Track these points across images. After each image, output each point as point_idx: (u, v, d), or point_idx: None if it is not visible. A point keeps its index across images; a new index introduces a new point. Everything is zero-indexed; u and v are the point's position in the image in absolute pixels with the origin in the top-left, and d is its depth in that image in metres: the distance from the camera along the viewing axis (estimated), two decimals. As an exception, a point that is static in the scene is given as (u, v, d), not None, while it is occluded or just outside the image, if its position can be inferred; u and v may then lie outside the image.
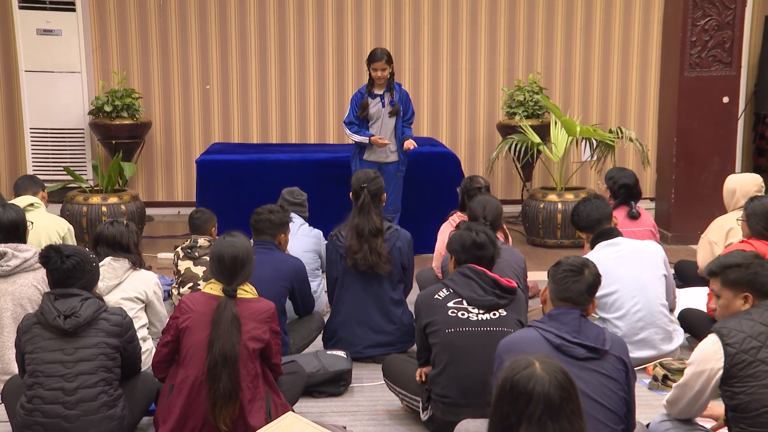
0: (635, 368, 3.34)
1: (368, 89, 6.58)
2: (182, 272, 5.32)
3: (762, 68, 9.11)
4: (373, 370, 4.59)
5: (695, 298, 5.15)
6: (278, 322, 3.73)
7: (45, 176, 7.86)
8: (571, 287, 3.10)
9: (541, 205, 7.53)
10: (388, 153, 6.66)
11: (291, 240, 4.92)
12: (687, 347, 4.79)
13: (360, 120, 6.57)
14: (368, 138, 6.52)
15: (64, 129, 8.54)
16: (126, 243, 4.40)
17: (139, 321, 4.29)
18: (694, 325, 4.79)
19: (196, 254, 5.34)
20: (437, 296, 3.75)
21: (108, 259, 4.32)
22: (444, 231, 5.33)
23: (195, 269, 5.29)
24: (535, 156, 7.91)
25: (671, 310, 4.74)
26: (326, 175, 6.99)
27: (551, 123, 7.85)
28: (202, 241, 5.36)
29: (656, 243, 4.93)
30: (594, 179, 8.67)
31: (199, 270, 5.28)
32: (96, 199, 7.36)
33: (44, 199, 5.61)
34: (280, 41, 8.96)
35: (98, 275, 3.74)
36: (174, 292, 5.37)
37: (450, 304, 3.70)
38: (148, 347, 4.31)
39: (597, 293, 3.21)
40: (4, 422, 3.80)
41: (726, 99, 7.50)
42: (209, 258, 3.75)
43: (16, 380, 3.72)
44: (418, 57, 9.05)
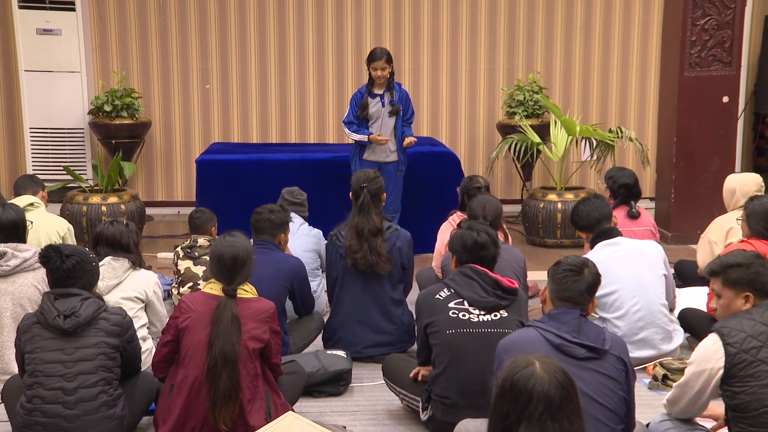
0: (635, 368, 3.34)
1: (368, 89, 6.58)
2: (182, 272, 5.31)
3: (762, 68, 9.11)
4: (373, 370, 4.59)
5: (695, 298, 5.14)
6: (278, 322, 3.73)
7: (45, 176, 7.85)
8: (571, 287, 3.10)
9: (541, 205, 7.53)
10: (388, 153, 6.66)
11: (291, 240, 4.92)
12: (687, 347, 4.79)
13: (360, 119, 6.56)
14: (367, 136, 6.51)
15: (64, 129, 8.53)
16: (126, 243, 4.40)
17: (139, 321, 4.29)
18: (694, 325, 4.79)
19: (196, 254, 5.33)
20: (438, 296, 3.74)
21: (108, 259, 4.32)
22: (444, 231, 5.33)
23: (195, 269, 5.29)
24: (535, 156, 7.91)
25: (671, 310, 4.74)
26: (326, 175, 6.99)
27: (551, 123, 7.85)
28: (202, 241, 5.35)
29: (656, 243, 4.93)
30: (594, 179, 8.66)
31: (199, 270, 5.27)
32: (96, 199, 7.36)
33: (44, 199, 5.61)
34: (280, 41, 8.95)
35: (98, 275, 3.74)
36: (174, 292, 5.36)
37: (451, 305, 3.69)
38: (148, 347, 4.31)
39: (597, 293, 3.21)
40: (4, 422, 3.79)
41: (726, 99, 7.50)
42: (209, 258, 3.75)
43: (16, 380, 3.72)
44: (418, 57, 9.05)
